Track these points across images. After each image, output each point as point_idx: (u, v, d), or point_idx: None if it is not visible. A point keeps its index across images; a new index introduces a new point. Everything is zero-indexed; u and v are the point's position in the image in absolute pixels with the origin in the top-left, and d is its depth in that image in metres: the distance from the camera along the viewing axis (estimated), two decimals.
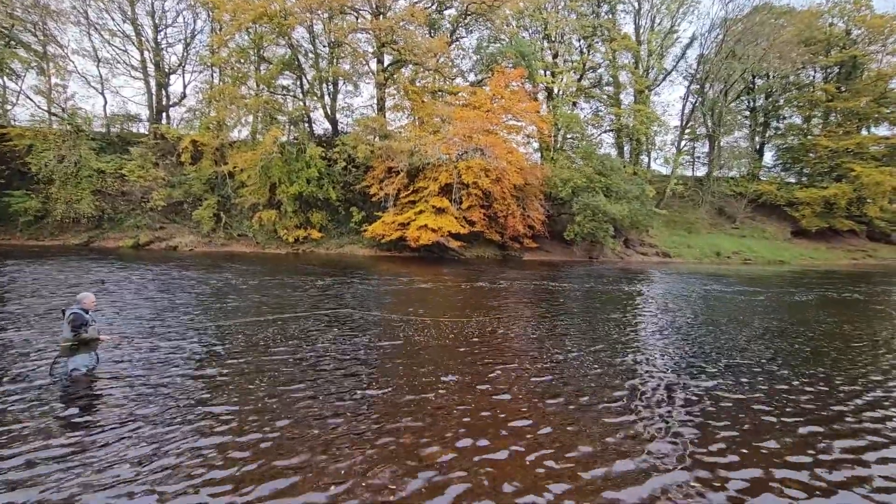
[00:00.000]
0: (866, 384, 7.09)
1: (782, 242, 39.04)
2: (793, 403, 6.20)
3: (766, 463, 4.60)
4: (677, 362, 8.01)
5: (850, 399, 6.45)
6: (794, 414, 5.83)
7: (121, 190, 27.51)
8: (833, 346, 9.58)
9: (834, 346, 9.58)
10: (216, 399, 5.73)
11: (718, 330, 10.80)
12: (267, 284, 15.05)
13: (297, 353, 7.65)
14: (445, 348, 8.29)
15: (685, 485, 4.22)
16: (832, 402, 6.29)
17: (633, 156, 40.34)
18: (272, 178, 27.51)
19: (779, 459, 4.67)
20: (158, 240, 26.90)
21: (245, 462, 4.32)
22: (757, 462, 4.61)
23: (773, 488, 4.18)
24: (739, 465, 4.55)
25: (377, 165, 28.59)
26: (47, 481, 3.93)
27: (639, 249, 33.65)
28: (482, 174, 26.46)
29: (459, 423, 5.26)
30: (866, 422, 5.69)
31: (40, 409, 5.29)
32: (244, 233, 28.43)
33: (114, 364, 6.78)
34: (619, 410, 5.75)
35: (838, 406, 6.18)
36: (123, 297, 11.93)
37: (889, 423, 5.66)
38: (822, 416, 5.82)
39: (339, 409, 5.50)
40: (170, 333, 8.66)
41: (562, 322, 10.95)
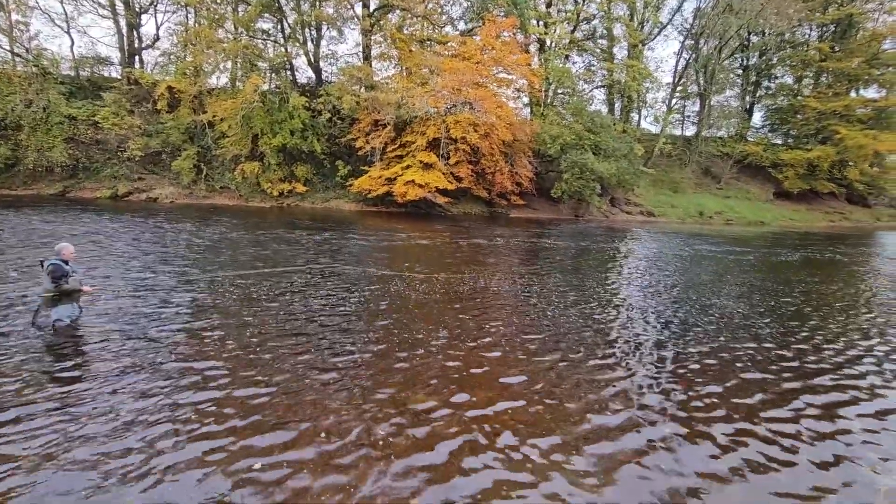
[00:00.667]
0: (848, 342, 7.41)
1: (764, 203, 39.67)
2: (777, 360, 6.51)
3: (750, 417, 4.86)
4: (665, 320, 8.31)
5: (833, 356, 6.75)
6: (778, 370, 6.11)
7: (95, 138, 26.40)
8: (814, 304, 10.00)
9: (813, 303, 10.02)
10: (205, 354, 5.82)
11: (704, 288, 11.16)
12: (253, 238, 14.93)
13: (288, 307, 7.72)
14: (436, 304, 8.45)
15: (671, 437, 4.50)
16: (814, 360, 6.60)
17: (623, 113, 39.84)
18: (254, 129, 26.62)
19: (763, 414, 4.93)
20: (137, 191, 26.18)
21: (236, 417, 4.44)
22: (741, 417, 4.86)
23: (757, 441, 4.43)
24: (724, 418, 4.81)
25: (363, 118, 27.80)
26: (36, 436, 4.00)
27: (624, 208, 33.93)
28: (471, 129, 25.98)
29: (451, 378, 5.46)
30: (846, 378, 5.99)
31: (26, 362, 5.32)
32: (226, 185, 27.79)
33: (99, 316, 6.79)
34: (608, 367, 5.99)
35: (821, 363, 6.47)
36: (107, 249, 11.76)
37: (868, 379, 5.99)
38: (805, 372, 6.13)
39: (332, 365, 5.64)
40: (156, 286, 8.64)
41: (551, 279, 11.17)
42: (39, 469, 3.52)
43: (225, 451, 3.82)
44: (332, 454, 3.84)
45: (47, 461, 3.59)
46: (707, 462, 4.04)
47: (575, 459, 3.97)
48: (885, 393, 5.59)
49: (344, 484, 3.52)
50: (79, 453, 3.71)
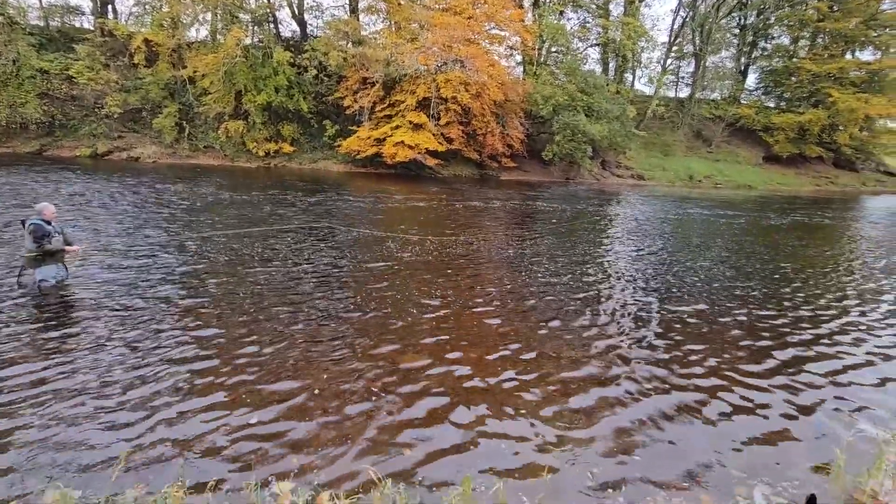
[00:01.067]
0: (828, 304, 7.62)
1: (753, 167, 39.79)
2: (758, 320, 6.72)
3: (728, 372, 5.07)
4: (653, 281, 8.49)
5: (812, 316, 6.97)
6: (758, 329, 6.33)
7: (70, 94, 25.28)
8: (798, 266, 10.27)
9: (797, 266, 10.29)
10: (197, 314, 5.85)
11: (691, 251, 11.37)
12: (241, 200, 14.72)
13: (281, 269, 7.73)
14: (429, 266, 8.52)
15: (652, 390, 4.70)
16: (794, 319, 6.82)
17: (617, 73, 39.05)
18: (237, 86, 25.68)
19: (742, 368, 5.13)
20: (118, 150, 25.39)
21: (229, 375, 4.53)
22: (719, 372, 5.08)
23: (731, 394, 4.64)
24: (703, 374, 5.03)
25: (351, 75, 26.92)
26: (25, 394, 4.05)
27: (615, 171, 33.84)
28: (461, 88, 25.35)
29: (442, 337, 5.59)
30: (824, 337, 6.20)
31: (12, 320, 5.32)
32: (210, 144, 27.05)
33: (86, 278, 6.75)
34: (596, 325, 6.17)
35: (800, 322, 6.70)
36: (92, 210, 11.54)
37: (843, 337, 6.22)
38: (784, 332, 6.35)
39: (325, 326, 5.73)
40: (145, 246, 8.57)
41: (542, 242, 11.27)
42: (30, 426, 3.59)
43: (220, 407, 3.92)
44: (326, 410, 3.97)
45: (37, 419, 3.65)
46: (682, 412, 4.25)
47: (562, 412, 4.15)
48: (857, 351, 5.84)
49: (338, 437, 3.66)
50: (67, 410, 3.76)
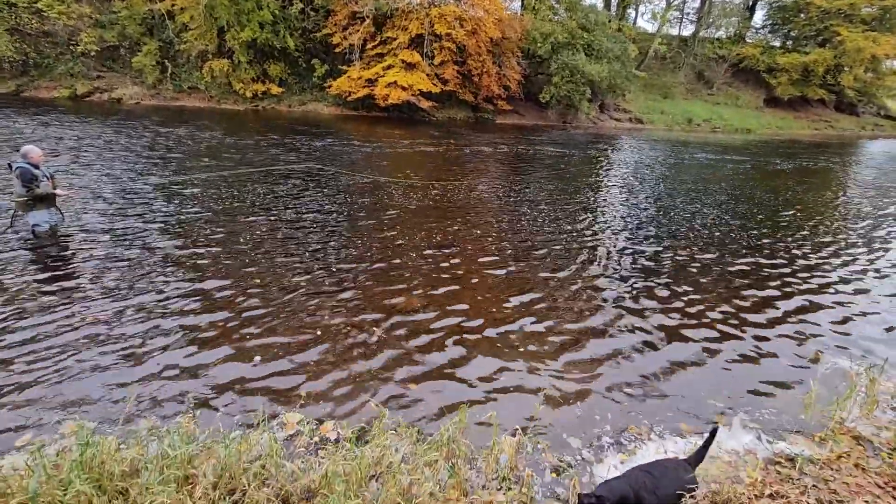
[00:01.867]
0: (827, 249, 7.80)
1: (753, 111, 39.07)
2: (755, 266, 6.94)
3: (724, 318, 5.35)
4: (658, 230, 8.65)
5: (809, 262, 7.17)
6: (755, 275, 6.52)
7: (42, 29, 23.81)
8: (802, 212, 10.44)
9: (801, 211, 10.46)
10: (196, 260, 5.95)
11: (687, 196, 11.47)
12: (232, 143, 14.42)
13: (280, 214, 7.76)
14: (431, 212, 8.59)
15: (649, 333, 4.98)
16: (787, 262, 7.07)
17: (619, 9, 37.21)
18: (219, 21, 24.22)
19: (750, 328, 5.19)
20: (98, 91, 24.33)
21: (230, 319, 4.70)
22: (715, 316, 5.35)
23: (737, 350, 4.87)
24: (698, 320, 5.30)
25: (339, 9, 25.45)
26: (32, 344, 4.18)
27: (613, 115, 33.13)
28: (456, 24, 24.15)
29: (441, 282, 5.78)
30: (819, 281, 6.42)
31: (11, 268, 5.39)
32: (195, 85, 25.94)
33: (84, 222, 6.78)
34: (592, 271, 6.39)
35: (794, 266, 6.95)
36: (80, 153, 11.30)
37: (838, 280, 6.47)
38: (779, 275, 6.59)
39: (327, 271, 5.88)
40: (143, 192, 8.53)
41: (543, 188, 11.30)
42: (40, 368, 3.78)
43: (225, 350, 4.11)
44: (330, 352, 4.19)
45: (46, 361, 3.82)
46: (678, 354, 4.55)
47: (558, 353, 4.44)
48: (853, 299, 6.01)
49: (342, 377, 3.90)
50: (74, 352, 3.94)
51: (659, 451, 3.24)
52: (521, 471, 2.93)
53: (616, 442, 3.33)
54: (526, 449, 3.13)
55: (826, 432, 3.45)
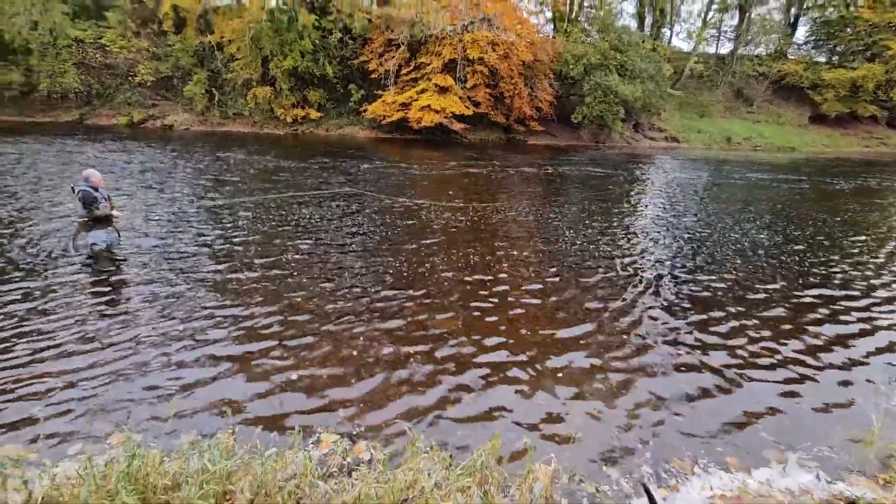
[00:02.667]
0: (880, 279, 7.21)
1: (796, 128, 37.65)
2: (801, 290, 6.63)
3: (779, 354, 5.01)
4: (698, 251, 8.39)
5: (862, 292, 6.74)
6: (817, 308, 6.12)
7: (104, 62, 25.83)
8: (857, 236, 9.91)
9: (856, 234, 9.91)
10: (239, 279, 6.18)
11: (728, 217, 11.08)
12: (277, 166, 15.03)
13: (321, 235, 7.97)
14: (463, 233, 8.63)
15: (684, 362, 4.80)
16: (841, 292, 6.68)
17: (654, 29, 36.98)
18: (263, 51, 25.62)
19: (795, 354, 4.91)
20: (152, 118, 26.02)
21: (269, 337, 4.85)
22: (769, 354, 5.07)
23: (784, 376, 4.69)
24: (750, 355, 5.04)
25: (376, 38, 26.44)
26: (82, 355, 4.45)
27: (648, 134, 32.64)
28: (489, 49, 24.59)
29: (476, 305, 5.77)
30: (871, 312, 5.98)
31: (68, 280, 5.76)
32: (240, 111, 27.37)
33: (135, 239, 7.18)
34: (628, 295, 6.22)
35: (848, 294, 6.57)
36: (136, 177, 12.05)
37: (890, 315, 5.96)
38: (828, 302, 6.24)
39: (364, 291, 5.98)
40: (189, 212, 8.97)
41: (577, 208, 11.17)
42: (89, 377, 3.99)
43: (264, 365, 4.22)
44: (366, 371, 4.23)
45: (95, 371, 4.04)
46: (717, 380, 4.35)
47: (596, 377, 4.32)
48: None
49: (376, 396, 3.93)
50: (122, 363, 4.14)
51: (704, 488, 3.08)
52: (556, 501, 2.84)
53: (656, 474, 3.18)
54: (562, 478, 3.04)
55: (891, 474, 3.19)
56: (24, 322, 4.59)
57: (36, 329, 4.48)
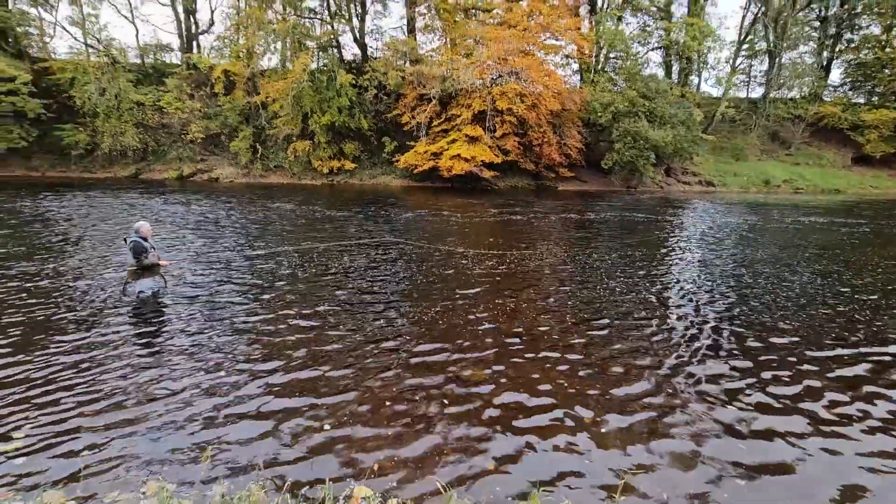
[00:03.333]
0: None
1: (840, 170, 36.38)
2: (852, 345, 6.19)
3: (825, 425, 4.73)
4: (741, 300, 8.05)
5: None
6: (851, 357, 5.82)
7: (161, 122, 28.16)
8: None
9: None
10: (281, 328, 6.30)
11: (783, 264, 10.61)
12: (313, 215, 15.61)
13: (360, 286, 8.06)
14: (495, 280, 8.59)
15: (731, 423, 4.50)
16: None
17: (681, 76, 37.30)
18: (304, 108, 27.36)
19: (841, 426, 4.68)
20: (200, 172, 27.84)
21: (305, 391, 4.85)
22: (801, 412, 4.75)
23: (830, 451, 4.35)
24: (799, 425, 4.71)
25: (408, 93, 27.83)
26: (122, 400, 4.58)
27: (681, 178, 32.26)
28: (517, 100, 25.39)
29: (508, 352, 5.65)
30: None
31: (113, 329, 6.01)
32: (280, 164, 28.94)
33: (180, 287, 7.49)
34: (666, 348, 5.96)
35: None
36: (183, 226, 12.74)
37: None
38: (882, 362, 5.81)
39: (395, 339, 5.97)
40: (231, 260, 9.34)
41: (612, 255, 10.94)
42: (129, 422, 4.05)
43: (296, 414, 4.20)
44: (396, 421, 4.15)
45: (132, 415, 4.12)
46: (784, 454, 4.02)
47: (633, 433, 4.07)
48: None
49: (407, 447, 3.82)
50: (158, 409, 4.21)
51: None
52: None
53: None
54: None
55: None
56: (72, 371, 4.77)
57: (82, 379, 4.64)
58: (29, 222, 12.62)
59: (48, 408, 4.13)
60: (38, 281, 7.52)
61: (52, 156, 27.12)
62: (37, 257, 8.96)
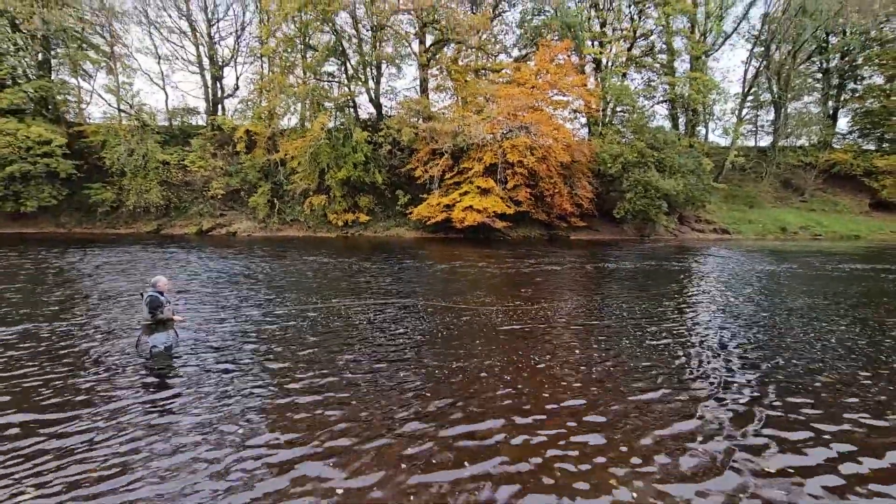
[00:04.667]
0: None
1: (857, 216, 35.93)
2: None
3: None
4: (767, 351, 7.72)
5: None
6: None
7: (184, 180, 29.35)
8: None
9: None
10: (291, 387, 6.15)
11: (798, 313, 10.24)
12: (327, 268, 15.70)
13: (366, 339, 7.96)
14: (506, 333, 8.41)
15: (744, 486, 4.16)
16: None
17: (688, 127, 38.08)
18: (321, 164, 28.35)
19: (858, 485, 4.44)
20: (219, 226, 28.58)
21: (317, 450, 4.65)
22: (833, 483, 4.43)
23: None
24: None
25: (421, 148, 28.74)
26: (128, 456, 4.42)
27: (694, 226, 32.11)
28: (527, 153, 26.01)
29: (520, 408, 5.40)
30: None
31: (126, 381, 5.91)
32: (296, 218, 29.63)
33: (192, 342, 7.42)
34: (681, 406, 5.67)
35: None
36: (198, 281, 12.88)
37: None
38: None
39: (404, 399, 5.77)
40: (244, 315, 9.31)
41: (627, 306, 10.69)
42: (138, 479, 3.85)
43: (309, 473, 3.99)
44: (411, 493, 3.90)
45: (139, 472, 3.93)
46: None
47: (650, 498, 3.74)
48: None
49: None
50: (165, 465, 4.03)
51: None
52: None
53: None
54: None
55: None
56: (80, 435, 4.63)
57: (91, 438, 4.50)
58: (56, 274, 12.89)
59: (52, 464, 3.96)
60: (54, 331, 7.52)
61: (80, 213, 28.24)
62: (50, 311, 9.04)
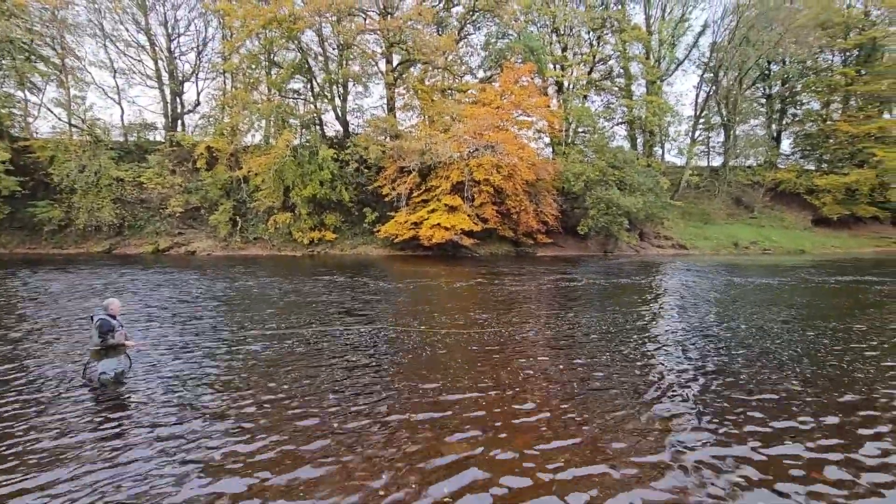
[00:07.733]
0: None
1: (802, 231, 38.22)
2: (831, 407, 6.09)
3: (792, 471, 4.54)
4: (712, 359, 7.92)
5: None
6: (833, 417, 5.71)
7: (140, 197, 28.16)
8: (859, 341, 9.37)
9: (856, 340, 9.38)
10: (238, 408, 5.86)
11: (746, 323, 10.65)
12: (288, 289, 15.26)
13: (325, 363, 7.74)
14: (473, 352, 8.34)
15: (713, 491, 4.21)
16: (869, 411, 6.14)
17: (646, 147, 39.83)
18: (286, 182, 27.84)
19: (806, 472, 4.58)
20: (177, 245, 27.46)
21: (269, 467, 4.42)
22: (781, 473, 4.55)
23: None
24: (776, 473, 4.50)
25: (389, 166, 28.73)
26: (75, 480, 4.07)
27: (654, 242, 33.27)
28: (494, 171, 26.44)
29: (492, 425, 5.32)
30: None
31: (71, 410, 5.48)
32: (259, 236, 28.85)
33: (143, 369, 6.98)
34: (651, 419, 5.73)
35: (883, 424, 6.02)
36: (149, 303, 12.23)
37: None
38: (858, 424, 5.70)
39: (372, 421, 5.59)
40: (196, 340, 8.88)
41: (588, 320, 10.86)
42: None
43: (259, 489, 3.76)
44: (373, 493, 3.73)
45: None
46: None
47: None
48: None
49: None
50: (113, 496, 3.72)
51: None
52: None
53: None
54: None
55: None
56: (18, 462, 4.22)
57: (34, 467, 4.10)
58: None
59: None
60: None
61: (23, 232, 26.56)
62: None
